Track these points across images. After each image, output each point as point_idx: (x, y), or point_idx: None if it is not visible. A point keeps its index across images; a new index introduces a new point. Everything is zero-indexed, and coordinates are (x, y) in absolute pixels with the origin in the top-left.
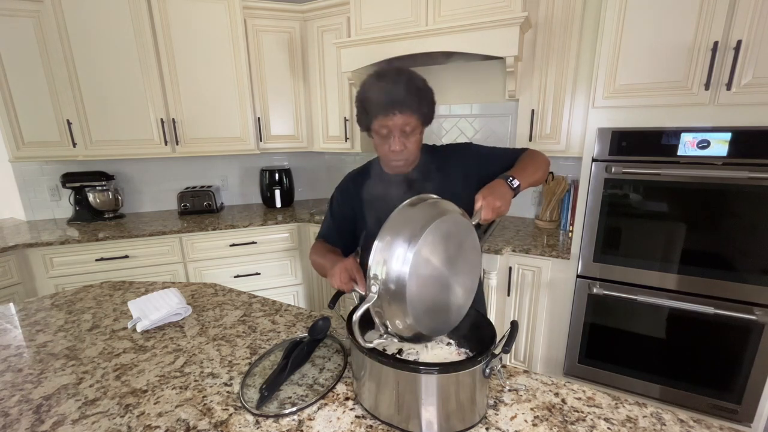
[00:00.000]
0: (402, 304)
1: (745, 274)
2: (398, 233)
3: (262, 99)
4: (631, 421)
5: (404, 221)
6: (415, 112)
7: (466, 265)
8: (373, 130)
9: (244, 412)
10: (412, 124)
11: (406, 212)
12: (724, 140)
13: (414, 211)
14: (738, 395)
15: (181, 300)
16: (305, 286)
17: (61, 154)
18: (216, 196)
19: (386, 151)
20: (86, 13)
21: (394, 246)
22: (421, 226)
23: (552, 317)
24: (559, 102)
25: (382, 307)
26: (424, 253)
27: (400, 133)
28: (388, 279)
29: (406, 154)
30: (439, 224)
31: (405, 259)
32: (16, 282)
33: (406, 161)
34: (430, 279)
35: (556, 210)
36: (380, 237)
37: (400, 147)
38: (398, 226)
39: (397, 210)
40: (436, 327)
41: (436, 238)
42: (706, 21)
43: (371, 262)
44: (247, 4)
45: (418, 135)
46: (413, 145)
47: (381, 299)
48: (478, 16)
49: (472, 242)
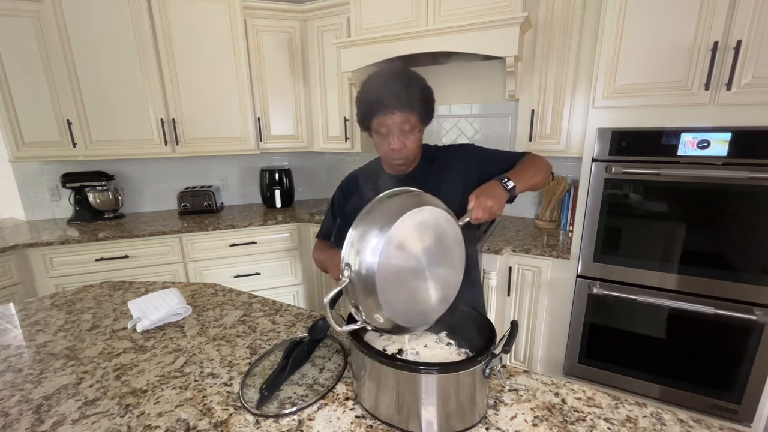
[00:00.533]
0: (373, 294)
1: (745, 274)
2: (372, 223)
3: (262, 99)
4: (631, 421)
5: (380, 211)
6: (414, 111)
7: (446, 258)
8: (372, 129)
9: (244, 412)
10: (412, 123)
11: (383, 203)
12: (724, 140)
13: (391, 201)
14: (738, 395)
15: (181, 300)
16: (305, 286)
17: (61, 154)
18: (216, 196)
19: (386, 150)
20: (86, 13)
21: (367, 235)
22: (394, 216)
23: (552, 317)
24: (559, 102)
25: (357, 297)
26: (396, 242)
27: (399, 132)
28: (360, 269)
29: (405, 152)
30: (414, 214)
31: (375, 248)
32: (16, 282)
33: (406, 160)
34: (404, 270)
35: (556, 210)
36: (354, 226)
37: (399, 145)
38: (373, 216)
39: (375, 200)
40: (415, 319)
41: (411, 228)
42: (706, 21)
43: (344, 252)
44: (247, 4)
45: (417, 134)
46: (413, 144)
47: (355, 290)
48: (478, 16)
49: (455, 236)
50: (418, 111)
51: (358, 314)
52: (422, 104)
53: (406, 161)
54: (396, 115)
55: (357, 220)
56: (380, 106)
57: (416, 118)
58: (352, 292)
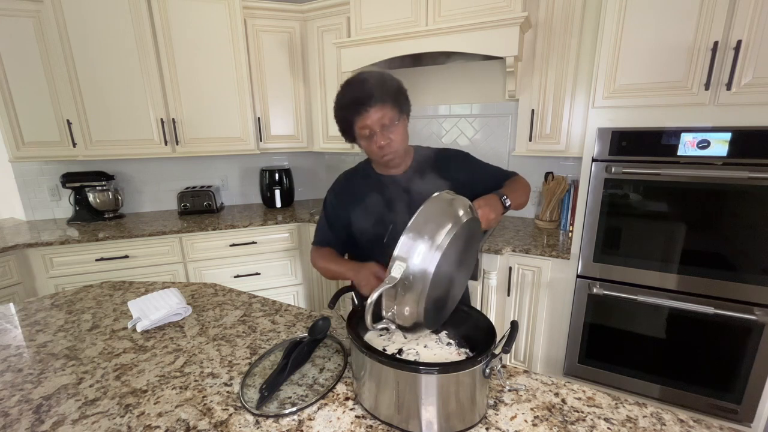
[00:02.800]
0: (420, 296)
1: (745, 274)
2: (424, 230)
3: (262, 99)
4: (631, 421)
5: (430, 218)
6: (386, 103)
7: (466, 263)
8: (356, 135)
9: (244, 412)
10: (389, 116)
11: (432, 209)
12: (724, 140)
13: (439, 207)
14: (738, 395)
15: (181, 300)
16: (305, 286)
17: (61, 154)
18: (216, 196)
19: (374, 150)
20: (86, 13)
21: (418, 243)
22: (449, 229)
23: (552, 317)
24: (559, 102)
25: (396, 293)
26: (448, 254)
27: (380, 128)
28: (411, 272)
29: (393, 146)
30: (463, 226)
31: (431, 258)
32: (16, 282)
33: (396, 154)
34: (444, 276)
35: (556, 210)
36: (407, 232)
37: (384, 141)
38: (423, 224)
39: (424, 206)
40: (435, 319)
41: (457, 240)
42: (706, 21)
43: (397, 252)
44: (247, 4)
45: (400, 127)
46: (398, 137)
47: (397, 287)
48: (478, 16)
49: (476, 242)
50: (391, 102)
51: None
52: (393, 95)
53: (396, 155)
54: (371, 112)
55: (408, 228)
56: (354, 110)
57: (392, 109)
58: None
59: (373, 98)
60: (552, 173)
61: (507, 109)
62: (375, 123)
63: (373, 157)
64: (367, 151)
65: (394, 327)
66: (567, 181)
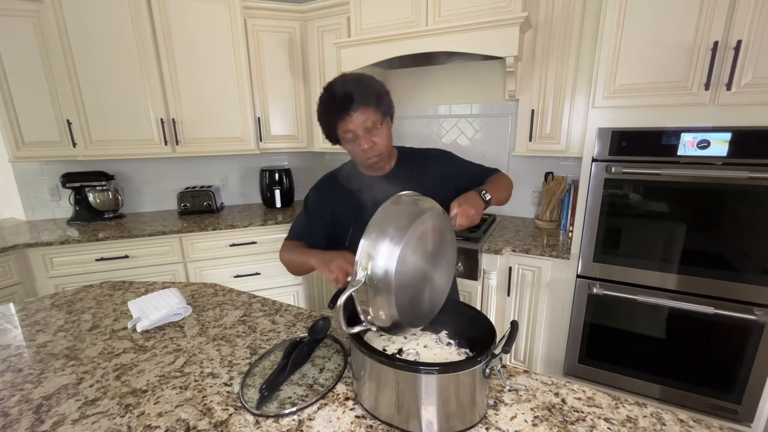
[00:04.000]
0: (388, 296)
1: (745, 274)
2: (384, 231)
3: (262, 99)
4: (631, 421)
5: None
6: (369, 106)
7: (443, 260)
8: (340, 138)
9: (244, 412)
10: (372, 119)
11: (390, 209)
12: (724, 140)
13: (398, 208)
14: (738, 395)
15: (181, 300)
16: (305, 286)
17: (61, 154)
18: (216, 196)
19: (358, 153)
20: (86, 13)
21: (379, 243)
22: (405, 225)
23: (552, 317)
24: (559, 102)
25: (366, 297)
26: (409, 250)
27: (364, 131)
28: (374, 274)
29: (377, 149)
30: (422, 222)
31: (391, 256)
32: (16, 282)
33: (380, 157)
34: (413, 273)
35: (556, 210)
36: (366, 234)
37: (368, 144)
38: (383, 223)
39: (382, 207)
40: (414, 319)
41: (419, 236)
42: (706, 21)
43: (358, 256)
44: (247, 4)
45: (384, 129)
46: (382, 140)
47: (366, 290)
48: (478, 16)
49: (450, 238)
50: (374, 105)
51: (364, 314)
52: (375, 98)
53: (380, 158)
54: (354, 116)
55: (368, 228)
56: (336, 113)
57: (374, 112)
58: (362, 292)
59: (356, 102)
60: (552, 173)
61: (507, 109)
62: (358, 126)
63: (357, 160)
64: (351, 154)
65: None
66: (567, 181)
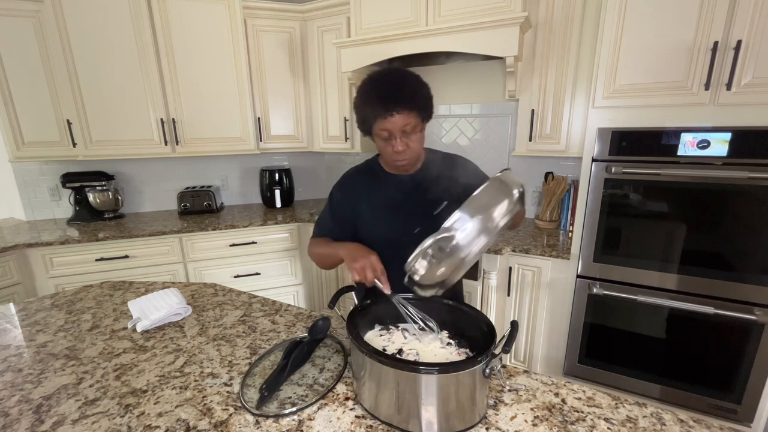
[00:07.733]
0: (459, 264)
1: (745, 274)
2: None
3: (262, 99)
4: (631, 421)
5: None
6: (413, 111)
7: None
8: (374, 133)
9: (244, 412)
10: (412, 123)
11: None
12: (724, 140)
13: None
14: (738, 395)
15: (181, 300)
16: (305, 286)
17: (61, 154)
18: (216, 196)
19: (390, 153)
20: (86, 13)
21: (475, 221)
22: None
23: (552, 317)
24: (559, 102)
25: (439, 252)
26: (491, 241)
27: (401, 134)
28: (459, 240)
29: (409, 153)
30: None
31: (479, 241)
32: (16, 282)
33: (410, 160)
34: (480, 255)
35: (556, 210)
36: (466, 206)
37: (402, 147)
38: (488, 204)
39: (491, 184)
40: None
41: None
42: (706, 21)
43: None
44: (247, 4)
45: (419, 133)
46: (416, 144)
47: (443, 250)
48: (478, 16)
49: None
50: (418, 110)
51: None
52: (421, 103)
53: (410, 161)
54: (396, 118)
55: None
56: (379, 110)
57: (416, 118)
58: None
59: (402, 102)
60: (552, 173)
61: (507, 109)
62: (397, 128)
63: (385, 158)
64: (380, 150)
65: (406, 281)
66: (567, 181)
